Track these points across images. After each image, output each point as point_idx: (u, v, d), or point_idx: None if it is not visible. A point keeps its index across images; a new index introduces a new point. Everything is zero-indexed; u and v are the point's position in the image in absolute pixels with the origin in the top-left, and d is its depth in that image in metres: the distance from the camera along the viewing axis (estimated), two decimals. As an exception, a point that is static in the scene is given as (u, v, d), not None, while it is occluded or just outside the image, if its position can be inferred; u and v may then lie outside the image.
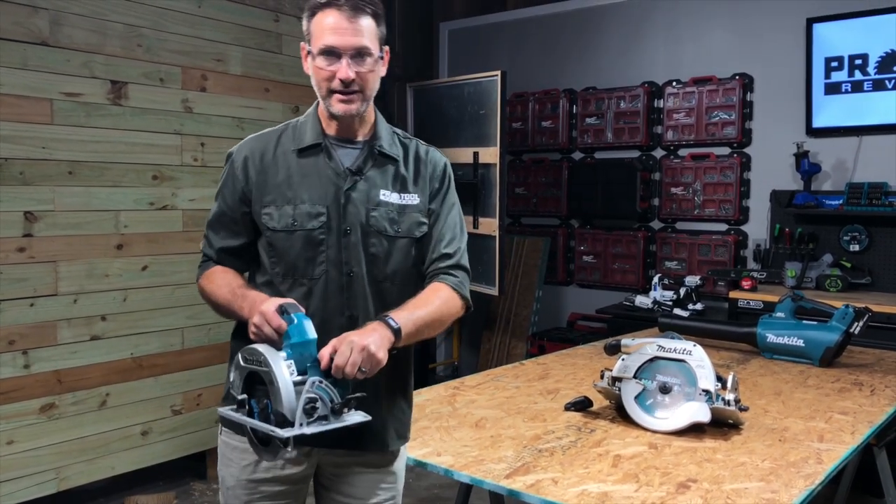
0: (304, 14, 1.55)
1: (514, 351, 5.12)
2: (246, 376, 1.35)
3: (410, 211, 1.61)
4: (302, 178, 1.57)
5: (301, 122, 1.63)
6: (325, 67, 1.50)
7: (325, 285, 1.55)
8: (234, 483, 1.59)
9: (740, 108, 4.31)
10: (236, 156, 1.62)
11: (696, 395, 1.78)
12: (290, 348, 1.32)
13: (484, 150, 4.35)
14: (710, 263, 4.42)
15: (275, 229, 1.56)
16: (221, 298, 1.55)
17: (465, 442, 1.69)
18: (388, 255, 1.59)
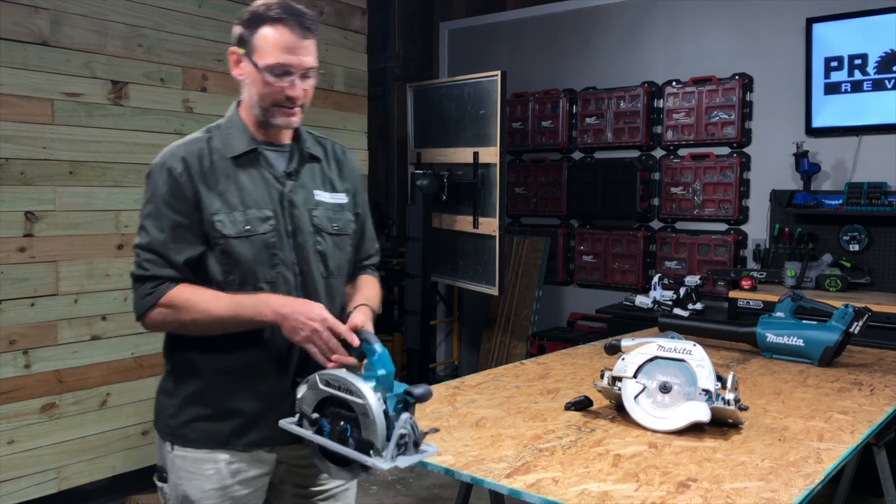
0: (243, 21, 1.55)
1: (514, 351, 5.13)
2: (322, 398, 1.41)
3: (343, 210, 1.71)
4: (243, 184, 1.58)
5: (225, 127, 1.63)
6: (275, 83, 1.54)
7: (280, 287, 1.59)
8: (201, 495, 1.59)
9: (740, 108, 4.32)
10: (171, 163, 1.56)
11: (696, 395, 1.78)
12: (376, 380, 1.37)
13: (484, 149, 4.35)
14: (709, 263, 4.43)
15: (229, 236, 1.55)
16: (219, 310, 1.51)
17: (465, 441, 1.69)
18: (332, 252, 1.67)
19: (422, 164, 4.88)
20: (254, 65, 1.54)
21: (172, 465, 1.62)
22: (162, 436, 1.64)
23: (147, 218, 1.57)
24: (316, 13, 1.59)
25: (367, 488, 3.64)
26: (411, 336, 4.62)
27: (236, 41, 1.58)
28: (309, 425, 1.41)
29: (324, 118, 4.01)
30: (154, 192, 1.57)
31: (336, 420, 1.39)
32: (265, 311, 1.50)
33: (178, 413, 1.60)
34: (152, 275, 1.54)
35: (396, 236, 5.75)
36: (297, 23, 1.53)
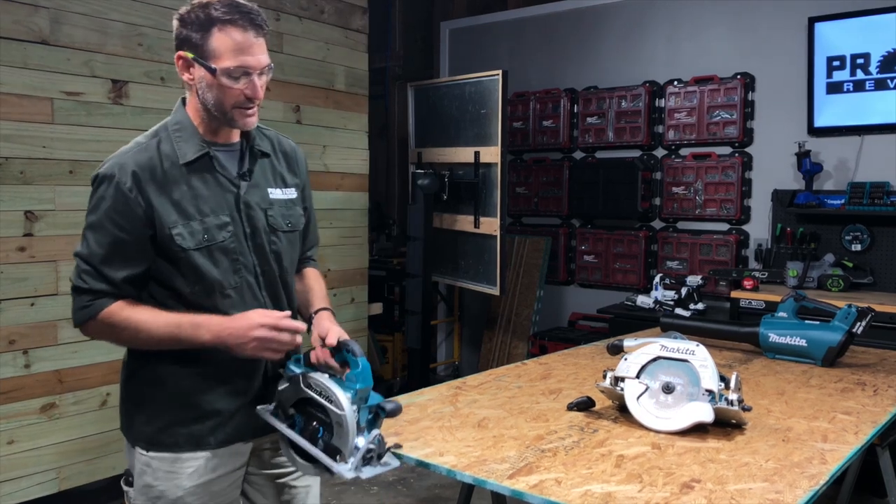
0: (189, 23, 1.49)
1: (515, 351, 5.12)
2: (301, 398, 1.47)
3: (293, 205, 1.71)
4: (197, 190, 1.55)
5: (173, 130, 1.58)
6: (234, 86, 1.50)
7: (245, 291, 1.60)
8: (183, 493, 1.59)
9: (742, 108, 4.31)
10: (120, 176, 1.49)
11: (699, 395, 1.77)
12: (354, 392, 1.43)
13: (485, 149, 4.34)
14: (711, 263, 4.42)
15: (189, 248, 1.53)
16: (160, 331, 1.50)
17: (467, 442, 1.68)
18: (286, 250, 1.69)
19: (423, 163, 4.87)
20: (208, 69, 1.49)
21: (147, 466, 1.60)
22: (134, 443, 1.63)
23: (89, 228, 1.53)
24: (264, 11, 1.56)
25: (368, 489, 3.63)
26: (412, 336, 4.61)
27: (182, 44, 1.51)
28: (284, 418, 1.49)
29: (324, 118, 4.00)
30: (98, 203, 1.51)
31: (310, 420, 1.46)
32: (204, 335, 1.50)
33: (151, 420, 1.59)
34: (89, 288, 1.51)
35: (397, 236, 5.74)
36: (249, 21, 1.49)
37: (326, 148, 4.04)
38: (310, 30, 3.89)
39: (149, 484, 1.59)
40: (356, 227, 4.26)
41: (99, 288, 1.51)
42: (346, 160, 4.17)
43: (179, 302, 1.56)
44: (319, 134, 3.99)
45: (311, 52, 3.90)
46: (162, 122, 1.62)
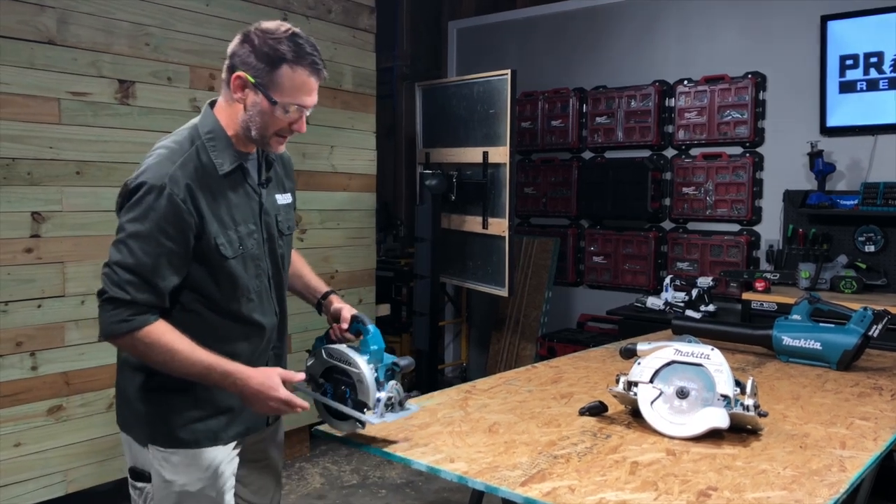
0: (259, 52, 1.55)
1: (523, 352, 5.09)
2: (327, 367, 1.68)
3: (290, 209, 1.82)
4: (231, 200, 1.64)
5: (207, 139, 1.62)
6: (284, 118, 1.59)
7: (263, 294, 1.72)
8: (203, 485, 1.68)
9: (753, 107, 4.27)
10: (172, 187, 1.53)
11: (714, 401, 1.74)
12: (370, 353, 1.64)
13: (493, 149, 4.31)
14: (722, 264, 4.38)
15: (229, 257, 1.61)
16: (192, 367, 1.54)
17: (478, 448, 1.66)
18: (286, 252, 1.81)
19: (430, 163, 4.84)
20: (268, 99, 1.56)
21: (166, 462, 1.65)
22: (142, 442, 1.67)
23: (134, 238, 1.52)
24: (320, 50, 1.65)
25: (377, 492, 3.61)
26: (420, 337, 4.59)
27: (244, 66, 1.56)
28: (316, 388, 1.70)
29: (332, 118, 3.98)
30: (147, 213, 1.52)
31: (338, 385, 1.66)
32: (230, 388, 1.58)
33: (168, 419, 1.65)
34: (132, 300, 1.51)
35: (405, 237, 5.71)
36: (313, 66, 1.59)
37: (334, 148, 4.02)
38: (317, 29, 3.87)
39: (169, 479, 1.65)
40: (363, 227, 4.24)
41: (144, 299, 1.52)
42: (354, 160, 4.15)
43: (206, 306, 1.63)
44: (327, 134, 3.96)
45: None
46: (191, 126, 1.65)
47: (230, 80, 1.59)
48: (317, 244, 3.94)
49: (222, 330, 1.66)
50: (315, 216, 3.93)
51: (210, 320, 1.64)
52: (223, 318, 1.65)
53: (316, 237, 3.94)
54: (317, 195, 3.93)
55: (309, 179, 3.88)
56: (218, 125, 1.64)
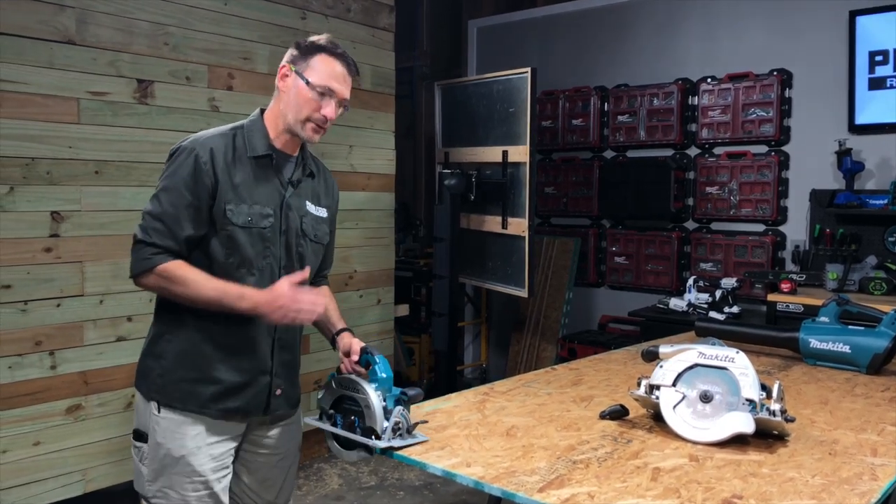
0: (301, 47, 1.83)
1: (543, 353, 5.04)
2: (337, 397, 1.75)
3: (322, 222, 1.96)
4: (255, 182, 1.81)
5: (248, 129, 1.85)
6: (317, 101, 1.80)
7: (268, 273, 1.83)
8: (185, 452, 1.79)
9: (778, 105, 4.19)
10: (200, 151, 1.76)
11: (739, 405, 1.69)
12: (377, 382, 1.70)
13: (513, 148, 4.27)
14: (746, 265, 4.30)
15: (236, 224, 1.78)
16: (208, 290, 1.72)
17: (495, 452, 1.62)
18: (308, 256, 1.93)
19: (450, 163, 4.81)
20: (304, 80, 1.79)
21: (157, 425, 1.81)
22: (147, 395, 1.83)
23: (163, 191, 1.77)
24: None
25: (394, 493, 3.58)
26: (439, 338, 4.55)
27: (288, 61, 1.84)
28: (326, 419, 1.77)
29: (351, 117, 3.96)
30: (176, 170, 1.76)
31: (347, 414, 1.72)
32: (244, 304, 1.72)
33: (165, 373, 1.81)
34: (154, 242, 1.74)
35: (424, 237, 5.69)
36: (346, 61, 1.84)
37: (353, 148, 4.00)
38: (336, 28, 3.85)
39: (158, 443, 1.81)
40: (382, 227, 4.21)
41: (163, 243, 1.74)
42: (373, 160, 4.13)
43: (212, 270, 1.77)
44: (346, 134, 3.94)
45: (338, 50, 3.86)
46: (238, 122, 1.90)
47: (279, 74, 1.84)
48: (335, 244, 3.91)
49: None
50: (333, 216, 3.91)
51: None
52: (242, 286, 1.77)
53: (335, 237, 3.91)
54: (335, 195, 3.91)
55: (327, 179, 3.86)
56: (261, 122, 1.87)
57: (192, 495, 1.81)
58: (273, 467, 1.99)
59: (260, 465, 1.96)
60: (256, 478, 1.97)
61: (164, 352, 1.82)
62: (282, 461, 2.00)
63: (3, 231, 2.73)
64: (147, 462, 1.84)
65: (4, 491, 2.77)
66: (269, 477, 1.99)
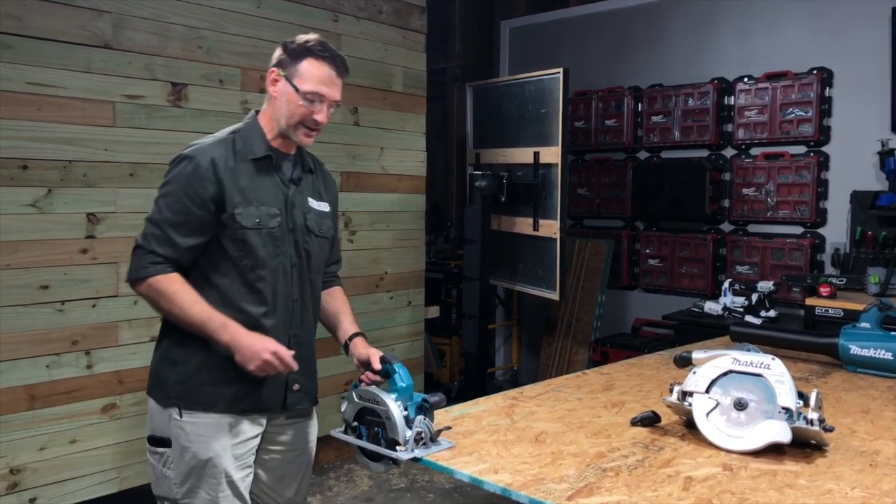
0: (289, 50, 1.83)
1: (575, 357, 4.99)
2: (359, 409, 1.73)
3: (325, 217, 1.99)
4: (258, 183, 1.84)
5: (244, 132, 1.88)
6: (307, 107, 1.81)
7: (281, 273, 1.87)
8: (213, 455, 1.82)
9: (818, 105, 4.09)
10: (200, 159, 1.78)
11: (775, 413, 1.65)
12: (397, 392, 1.70)
13: (545, 149, 4.24)
14: (784, 268, 4.21)
15: (246, 227, 1.80)
16: (195, 312, 1.74)
17: (523, 458, 1.60)
18: (315, 252, 1.96)
19: (480, 164, 4.79)
20: (293, 87, 1.80)
21: (181, 430, 1.83)
22: (164, 402, 1.85)
23: (163, 197, 1.79)
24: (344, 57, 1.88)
25: (424, 496, 3.58)
26: (469, 340, 4.53)
27: (277, 64, 1.84)
28: (351, 432, 1.76)
29: (382, 119, 3.97)
30: (176, 177, 1.79)
31: (371, 426, 1.71)
32: (223, 336, 1.74)
33: (187, 380, 1.83)
34: (153, 249, 1.76)
35: (455, 238, 5.67)
36: (335, 63, 1.84)
37: (384, 150, 4.01)
38: (367, 30, 3.86)
39: (184, 446, 1.83)
40: (413, 229, 4.21)
41: (163, 252, 1.76)
42: (404, 162, 4.13)
43: (229, 273, 1.82)
44: (377, 136, 3.95)
45: (369, 52, 3.86)
46: (237, 125, 1.92)
47: (268, 78, 1.86)
48: (366, 245, 3.93)
49: (235, 297, 1.82)
50: (364, 218, 3.92)
51: (223, 287, 1.82)
52: (237, 283, 1.82)
53: (365, 239, 3.93)
54: (366, 196, 3.92)
55: (358, 181, 3.87)
56: (257, 124, 1.90)
57: (220, 496, 1.84)
58: (290, 464, 2.02)
59: (277, 464, 2.00)
60: (274, 476, 2.01)
61: (181, 358, 1.84)
62: (298, 458, 2.04)
63: (40, 232, 2.78)
64: (173, 466, 1.86)
65: (42, 488, 2.82)
66: (287, 474, 2.02)
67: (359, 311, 4.01)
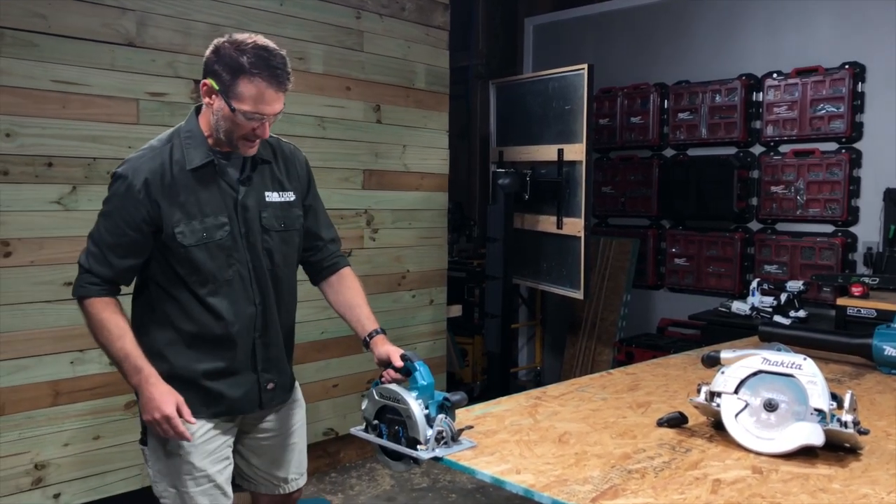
0: (223, 61, 1.68)
1: (599, 357, 4.93)
2: (379, 407, 1.70)
3: (291, 207, 1.91)
4: (200, 194, 1.77)
5: (184, 137, 1.78)
6: (246, 124, 1.71)
7: (237, 282, 1.83)
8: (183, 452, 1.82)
9: (850, 100, 4.00)
10: (133, 179, 1.72)
11: (807, 415, 1.60)
12: (418, 390, 1.67)
13: (569, 147, 4.19)
14: (814, 268, 4.12)
15: (189, 245, 1.75)
16: (115, 348, 1.73)
17: (546, 459, 1.56)
18: (278, 248, 1.89)
19: (504, 162, 4.75)
20: (229, 106, 1.69)
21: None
22: None
23: (103, 217, 1.78)
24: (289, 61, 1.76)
25: (447, 496, 3.55)
26: (491, 339, 4.50)
27: (210, 74, 1.71)
28: (371, 430, 1.73)
29: (404, 117, 3.94)
30: (112, 197, 1.76)
31: (392, 424, 1.68)
32: (133, 378, 1.73)
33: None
34: (90, 269, 1.76)
35: (478, 237, 5.64)
36: (274, 79, 1.69)
37: (406, 147, 3.98)
38: (390, 27, 3.84)
39: (157, 445, 1.85)
40: (435, 227, 4.19)
41: (100, 272, 1.75)
42: (426, 160, 4.10)
43: (183, 288, 1.79)
44: (399, 133, 3.93)
45: (392, 50, 3.85)
46: (175, 128, 1.83)
47: (201, 86, 1.75)
48: (388, 244, 3.91)
49: (193, 312, 1.81)
50: (387, 216, 3.90)
51: (182, 301, 1.80)
52: (192, 300, 1.80)
53: (387, 237, 3.91)
54: (388, 195, 3.90)
55: (381, 179, 3.86)
56: (197, 126, 1.80)
57: (195, 490, 1.85)
58: (278, 447, 2.04)
59: (266, 448, 2.03)
60: (265, 460, 2.04)
61: (153, 361, 1.80)
62: (285, 440, 2.05)
63: (65, 230, 2.80)
64: (150, 463, 1.89)
65: (66, 483, 2.84)
66: (278, 457, 2.05)
67: (380, 310, 4.02)
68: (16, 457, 2.73)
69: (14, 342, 2.71)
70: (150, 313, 1.85)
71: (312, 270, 2.09)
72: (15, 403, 2.72)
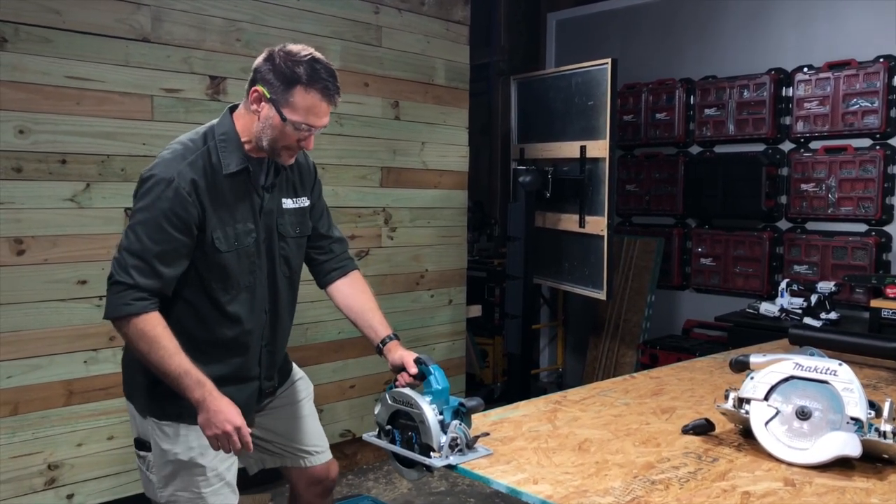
0: (277, 70, 1.66)
1: (622, 359, 4.83)
2: (392, 412, 1.66)
3: (303, 213, 1.91)
4: (234, 199, 1.75)
5: (220, 140, 1.74)
6: (294, 134, 1.70)
7: (256, 287, 1.82)
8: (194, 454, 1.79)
9: (885, 95, 3.86)
10: (181, 184, 1.66)
11: (842, 424, 1.51)
12: (432, 395, 1.63)
13: (592, 143, 4.10)
14: (846, 268, 3.99)
15: (224, 251, 1.73)
16: (173, 364, 1.64)
17: (565, 468, 1.49)
18: (293, 254, 1.90)
19: (525, 160, 4.67)
20: (280, 115, 1.68)
21: (162, 433, 1.81)
22: (141, 411, 1.84)
23: (142, 225, 1.66)
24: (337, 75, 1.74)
25: (465, 500, 3.48)
26: (512, 340, 4.42)
27: (263, 81, 1.69)
28: (384, 436, 1.69)
29: (423, 113, 3.88)
30: (154, 203, 1.66)
31: (405, 430, 1.63)
32: (196, 393, 1.66)
33: (160, 391, 1.76)
34: (136, 283, 1.64)
35: (499, 236, 5.56)
36: (327, 90, 1.69)
37: (425, 144, 3.92)
38: (409, 22, 3.78)
39: (164, 449, 1.81)
40: (454, 226, 4.12)
41: (147, 284, 1.65)
42: (445, 157, 4.03)
43: (202, 294, 1.76)
44: (418, 130, 3.87)
45: (411, 45, 3.78)
46: (208, 128, 1.79)
47: (250, 91, 1.72)
48: (406, 242, 3.85)
49: (208, 318, 1.78)
50: (405, 214, 3.84)
51: (198, 307, 1.77)
52: (210, 306, 1.77)
53: (406, 235, 3.85)
54: (407, 192, 3.84)
55: (399, 176, 3.79)
56: (233, 129, 1.76)
57: (207, 490, 1.83)
58: (291, 418, 2.06)
59: (279, 422, 2.05)
60: (280, 430, 2.05)
61: (152, 376, 1.75)
62: (297, 411, 2.07)
63: (79, 227, 2.77)
64: (155, 470, 1.83)
65: (79, 484, 2.82)
66: (292, 427, 2.06)
67: (398, 310, 3.97)
68: (29, 457, 2.71)
69: (27, 341, 2.69)
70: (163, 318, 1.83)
71: (319, 272, 2.05)
72: (28, 403, 2.70)
